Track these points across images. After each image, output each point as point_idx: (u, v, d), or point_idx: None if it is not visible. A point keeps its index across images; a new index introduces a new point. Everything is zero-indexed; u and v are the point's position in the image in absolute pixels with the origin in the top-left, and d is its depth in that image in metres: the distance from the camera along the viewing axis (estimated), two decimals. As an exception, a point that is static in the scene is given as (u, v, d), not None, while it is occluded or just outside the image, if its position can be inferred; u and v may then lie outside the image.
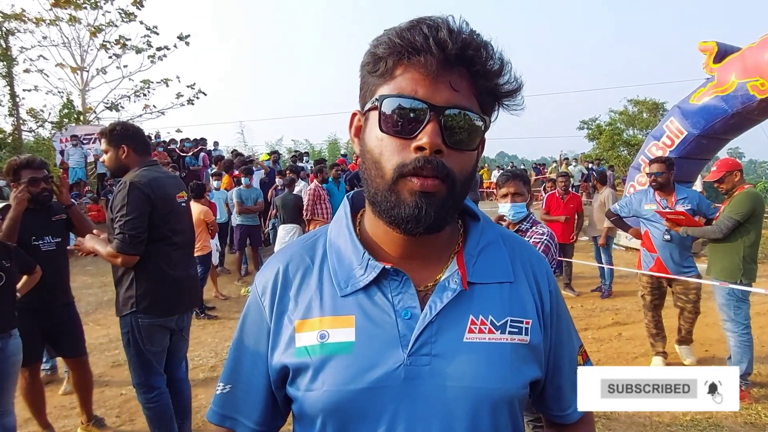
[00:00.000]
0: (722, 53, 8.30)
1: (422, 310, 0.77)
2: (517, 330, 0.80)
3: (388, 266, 0.78)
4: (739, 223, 3.83)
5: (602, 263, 7.08)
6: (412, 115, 0.71)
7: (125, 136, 2.71)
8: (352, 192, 0.90)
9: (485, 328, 0.78)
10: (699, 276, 4.46)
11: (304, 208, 7.64)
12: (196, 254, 5.39)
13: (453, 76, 0.71)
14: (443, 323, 0.77)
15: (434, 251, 0.83)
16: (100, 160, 2.96)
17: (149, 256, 2.58)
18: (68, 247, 2.73)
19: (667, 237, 4.31)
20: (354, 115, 0.82)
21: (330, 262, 0.83)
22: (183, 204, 2.84)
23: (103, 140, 2.76)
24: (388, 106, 0.72)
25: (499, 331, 0.78)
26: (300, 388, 0.78)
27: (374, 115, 0.74)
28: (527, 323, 0.81)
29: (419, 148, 0.70)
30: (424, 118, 0.70)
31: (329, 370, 0.76)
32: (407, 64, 0.71)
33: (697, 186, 8.27)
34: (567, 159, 19.55)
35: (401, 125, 0.72)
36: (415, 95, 0.71)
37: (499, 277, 0.82)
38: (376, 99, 0.74)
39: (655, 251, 4.50)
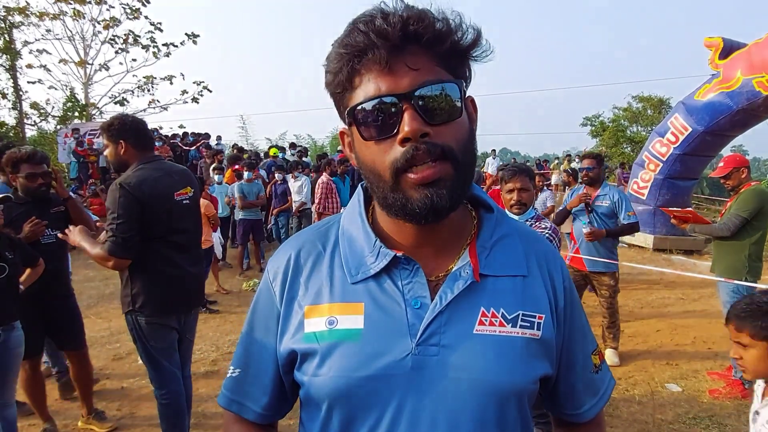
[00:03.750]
0: (728, 49, 8.24)
1: (432, 300, 0.76)
2: (528, 324, 0.78)
3: (399, 254, 0.77)
4: (746, 220, 3.79)
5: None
6: (385, 113, 0.70)
7: (123, 131, 2.62)
8: (365, 182, 0.89)
9: (496, 321, 0.76)
10: (614, 273, 4.50)
11: (316, 201, 7.64)
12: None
13: (407, 57, 0.69)
14: (453, 314, 0.76)
15: (446, 241, 0.81)
16: (103, 154, 2.91)
17: (144, 255, 2.54)
18: (59, 235, 2.68)
19: (586, 230, 4.33)
20: (342, 134, 0.82)
21: (342, 249, 0.82)
22: (185, 201, 2.73)
23: (103, 135, 2.71)
24: (360, 116, 0.72)
25: (510, 324, 0.77)
26: (307, 373, 0.78)
27: (354, 129, 0.74)
28: (540, 318, 0.79)
29: (404, 140, 0.69)
30: (398, 111, 0.69)
31: (337, 357, 0.76)
32: (361, 68, 0.71)
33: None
34: (569, 156, 19.48)
35: (380, 127, 0.71)
36: (380, 93, 0.70)
37: (512, 270, 0.81)
38: (348, 113, 0.74)
39: (576, 242, 4.60)
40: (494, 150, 20.15)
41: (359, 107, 0.71)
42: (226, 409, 0.90)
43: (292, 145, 14.84)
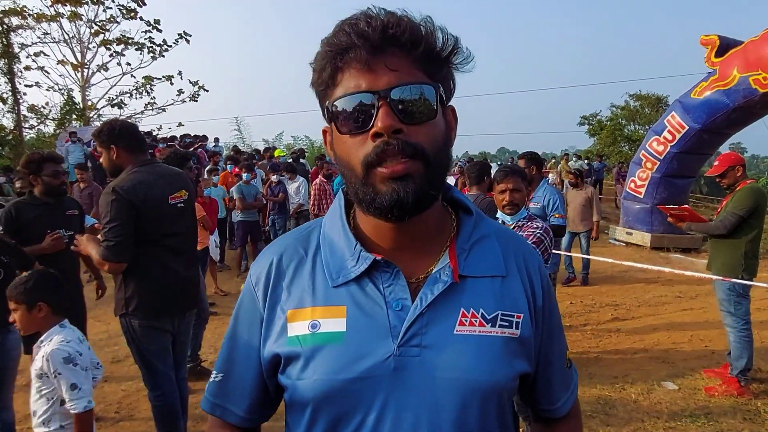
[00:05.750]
0: (724, 47, 8.26)
1: (413, 302, 0.77)
2: (507, 324, 0.80)
3: (379, 258, 0.79)
4: (742, 218, 3.81)
5: (585, 254, 7.19)
6: (362, 108, 0.73)
7: (113, 137, 2.63)
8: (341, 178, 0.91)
9: (476, 321, 0.78)
10: (549, 275, 4.43)
11: (311, 203, 7.65)
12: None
13: (387, 58, 0.72)
14: (434, 315, 0.77)
15: (426, 243, 0.82)
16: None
17: (137, 258, 2.55)
18: (72, 247, 2.76)
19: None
20: (325, 132, 0.84)
21: (323, 254, 0.83)
22: (180, 205, 2.74)
23: (96, 142, 2.74)
24: (338, 109, 0.74)
25: (490, 324, 0.78)
26: (291, 376, 0.79)
27: (333, 124, 0.77)
28: (518, 317, 0.81)
29: (377, 135, 0.72)
30: (374, 107, 0.72)
31: (320, 360, 0.77)
32: (343, 66, 0.74)
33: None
34: (567, 155, 19.50)
35: (356, 121, 0.73)
36: (359, 89, 0.72)
37: (491, 270, 0.82)
38: (327, 107, 0.77)
39: None
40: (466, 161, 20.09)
41: (338, 101, 0.74)
42: (209, 413, 0.91)
43: (297, 153, 14.23)
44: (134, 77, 18.32)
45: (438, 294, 0.77)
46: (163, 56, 18.20)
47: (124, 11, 17.19)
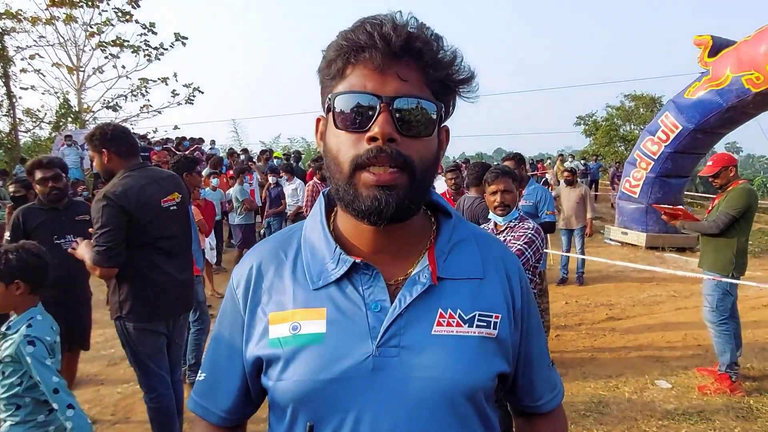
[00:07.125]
0: (717, 47, 8.30)
1: (392, 304, 0.79)
2: (485, 324, 0.81)
3: (358, 260, 0.80)
4: (735, 218, 3.86)
5: (575, 252, 7.23)
6: (363, 108, 0.73)
7: (105, 141, 2.64)
8: (328, 188, 0.90)
9: (453, 322, 0.79)
10: (541, 272, 4.54)
11: (303, 205, 7.68)
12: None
13: (401, 67, 0.73)
14: (412, 316, 0.78)
15: (405, 246, 0.84)
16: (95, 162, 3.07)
17: (131, 262, 2.56)
18: (69, 250, 2.75)
19: None
20: (318, 120, 0.84)
21: (304, 256, 0.84)
22: (172, 207, 2.75)
23: (88, 146, 2.75)
24: (340, 103, 0.75)
25: (467, 324, 0.80)
26: (272, 378, 0.81)
27: (330, 115, 0.77)
28: (496, 317, 0.82)
29: (372, 139, 0.72)
30: (375, 110, 0.72)
31: (300, 361, 0.78)
32: (355, 63, 0.74)
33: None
34: (563, 155, 19.57)
35: (354, 120, 0.74)
36: (365, 89, 0.73)
37: (469, 273, 0.84)
38: (329, 98, 0.77)
39: None
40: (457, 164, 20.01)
41: (342, 95, 0.74)
42: (192, 411, 0.93)
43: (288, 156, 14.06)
44: (129, 78, 18.31)
45: (416, 295, 0.79)
46: (159, 59, 18.18)
47: (119, 14, 17.17)
